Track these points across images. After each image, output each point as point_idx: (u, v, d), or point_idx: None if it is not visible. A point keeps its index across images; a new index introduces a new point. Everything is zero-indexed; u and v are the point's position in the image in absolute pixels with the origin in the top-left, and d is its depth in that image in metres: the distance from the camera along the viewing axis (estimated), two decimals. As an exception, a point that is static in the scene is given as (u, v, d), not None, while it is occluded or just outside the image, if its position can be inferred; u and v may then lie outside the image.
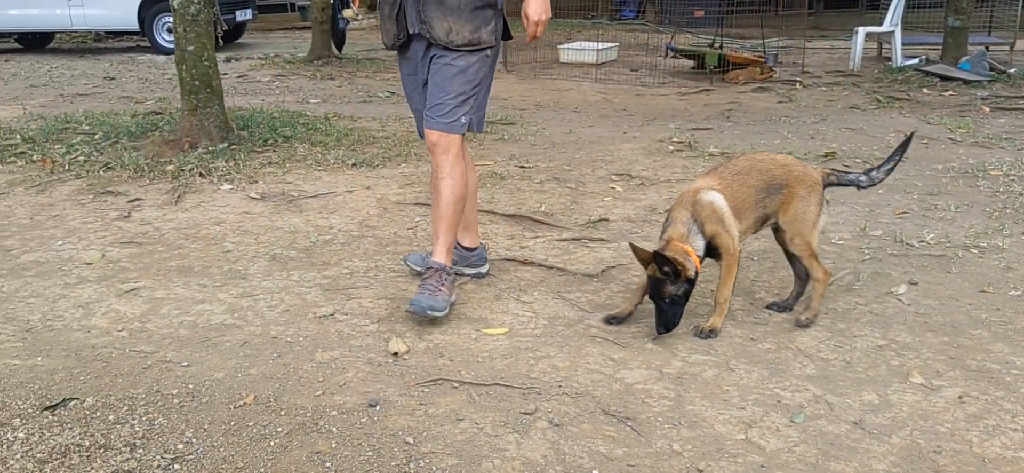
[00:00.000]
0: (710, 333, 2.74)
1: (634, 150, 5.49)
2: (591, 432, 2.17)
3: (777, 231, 2.88)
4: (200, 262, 3.43)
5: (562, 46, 10.54)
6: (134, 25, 11.96)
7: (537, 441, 2.12)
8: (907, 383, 2.42)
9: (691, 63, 9.66)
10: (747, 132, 6.09)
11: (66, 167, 4.88)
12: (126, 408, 2.22)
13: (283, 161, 5.08)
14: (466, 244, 3.21)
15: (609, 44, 10.76)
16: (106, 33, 13.36)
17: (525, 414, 2.24)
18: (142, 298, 3.03)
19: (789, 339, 2.73)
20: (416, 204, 4.24)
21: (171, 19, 11.18)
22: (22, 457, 1.99)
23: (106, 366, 2.48)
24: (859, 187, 3.00)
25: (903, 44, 9.16)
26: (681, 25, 12.26)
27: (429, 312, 2.75)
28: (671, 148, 5.53)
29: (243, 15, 12.99)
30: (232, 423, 2.16)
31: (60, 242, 3.63)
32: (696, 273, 2.65)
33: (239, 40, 13.53)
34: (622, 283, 3.22)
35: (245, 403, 2.26)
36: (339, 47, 10.99)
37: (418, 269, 3.23)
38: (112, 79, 9.34)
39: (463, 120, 2.85)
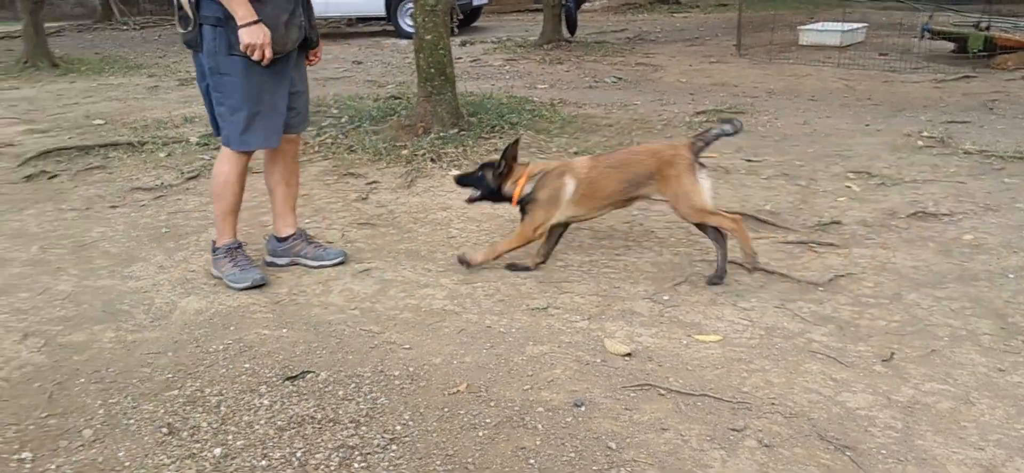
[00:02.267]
0: (463, 261, 3.30)
1: (876, 145, 5.09)
2: (804, 457, 2.06)
3: (673, 210, 3.16)
4: (426, 246, 3.64)
5: (802, 27, 9.96)
6: (381, 11, 12.87)
7: (744, 461, 2.04)
8: None
9: (951, 46, 8.77)
10: (1012, 127, 5.44)
11: (316, 148, 5.36)
12: (354, 385, 2.42)
13: (508, 148, 5.24)
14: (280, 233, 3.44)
15: (856, 25, 10.02)
16: (356, 19, 14.45)
17: (733, 430, 2.17)
18: (373, 278, 3.27)
19: (1046, 374, 2.42)
20: (635, 196, 4.21)
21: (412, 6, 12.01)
22: (265, 423, 2.24)
23: (339, 342, 2.71)
24: (727, 135, 3.17)
25: None
26: (941, 2, 11.13)
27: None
28: (920, 143, 5.07)
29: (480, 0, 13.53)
30: (446, 409, 2.28)
31: (308, 221, 3.99)
32: (507, 197, 3.22)
33: (475, 23, 14.10)
34: (851, 295, 3.01)
35: (458, 390, 2.38)
36: (572, 31, 11.12)
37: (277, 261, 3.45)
38: (359, 63, 10.10)
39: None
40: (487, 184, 3.26)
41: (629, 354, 2.60)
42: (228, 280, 3.19)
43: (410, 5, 12.19)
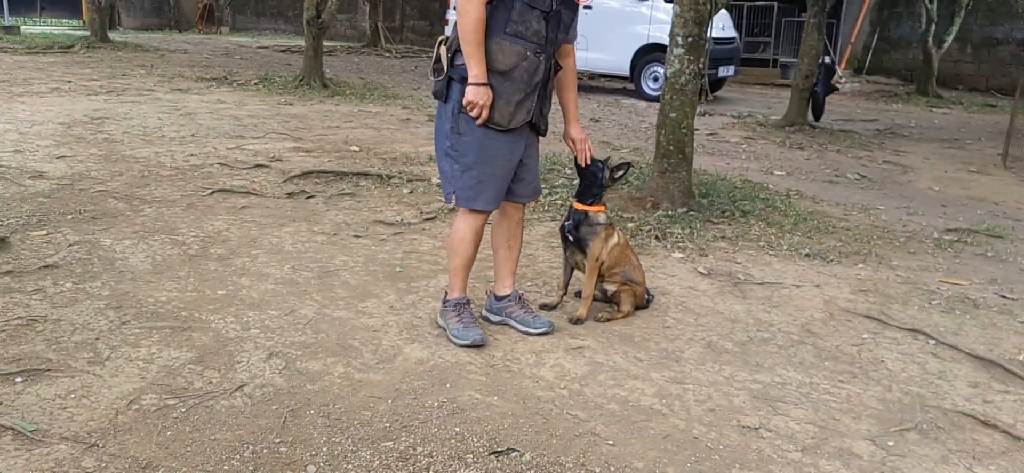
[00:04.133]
0: (575, 321, 3.67)
1: None
2: None
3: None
4: (641, 332, 3.64)
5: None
6: (626, 72, 13.08)
7: None
8: None
9: None
10: None
11: (546, 208, 5.55)
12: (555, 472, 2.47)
13: (736, 238, 5.14)
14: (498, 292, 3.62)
15: None
16: (600, 74, 14.78)
17: None
18: (585, 358, 3.32)
19: None
20: (867, 317, 3.97)
21: (658, 69, 12.11)
22: (470, 496, 2.34)
23: (545, 422, 2.78)
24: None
25: None
26: None
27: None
28: None
29: (726, 71, 13.37)
30: (641, 521, 2.28)
31: (528, 283, 4.13)
32: (598, 196, 3.76)
33: (717, 93, 13.95)
34: (1113, 486, 2.65)
35: (656, 503, 2.36)
36: (817, 116, 10.69)
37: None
38: (597, 121, 10.32)
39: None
40: (600, 177, 3.70)
41: (844, 505, 2.45)
42: (451, 334, 3.38)
43: (655, 69, 12.32)
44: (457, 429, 2.69)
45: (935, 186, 7.52)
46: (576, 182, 6.24)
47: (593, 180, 3.70)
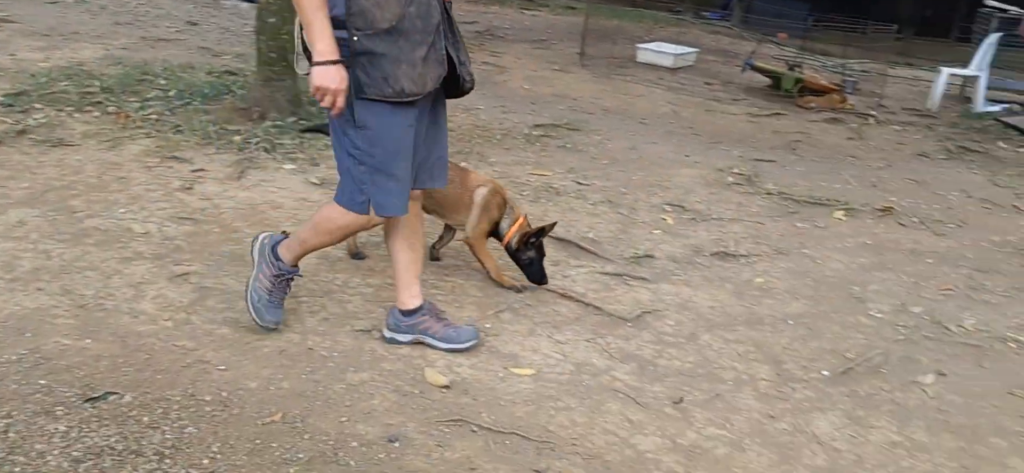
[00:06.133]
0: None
1: (693, 177, 5.47)
2: (595, 501, 2.24)
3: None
4: (252, 251, 3.57)
5: (640, 46, 10.44)
6: (223, -30, 12.26)
7: (541, 503, 2.20)
8: (916, 493, 2.43)
9: (768, 81, 9.49)
10: (810, 170, 6.00)
11: (139, 123, 5.10)
12: (161, 410, 2.37)
13: (345, 145, 5.20)
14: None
15: (689, 49, 10.61)
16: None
17: (536, 472, 2.32)
18: (191, 285, 3.18)
19: (806, 420, 2.74)
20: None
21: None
22: (60, 454, 2.15)
23: (148, 359, 2.64)
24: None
25: (992, 87, 8.85)
26: (766, 34, 12.00)
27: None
28: (730, 180, 5.49)
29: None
30: (257, 441, 2.29)
31: (122, 209, 3.81)
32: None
33: None
34: (655, 332, 3.26)
35: (272, 420, 2.40)
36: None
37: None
38: (194, 24, 9.60)
39: None
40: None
41: (447, 386, 2.70)
42: (253, 299, 2.83)
43: (255, -32, 11.70)
44: (42, 382, 2.44)
45: (526, 85, 8.30)
46: (172, 95, 5.85)
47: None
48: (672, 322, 3.37)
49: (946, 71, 8.94)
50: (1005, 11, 9.33)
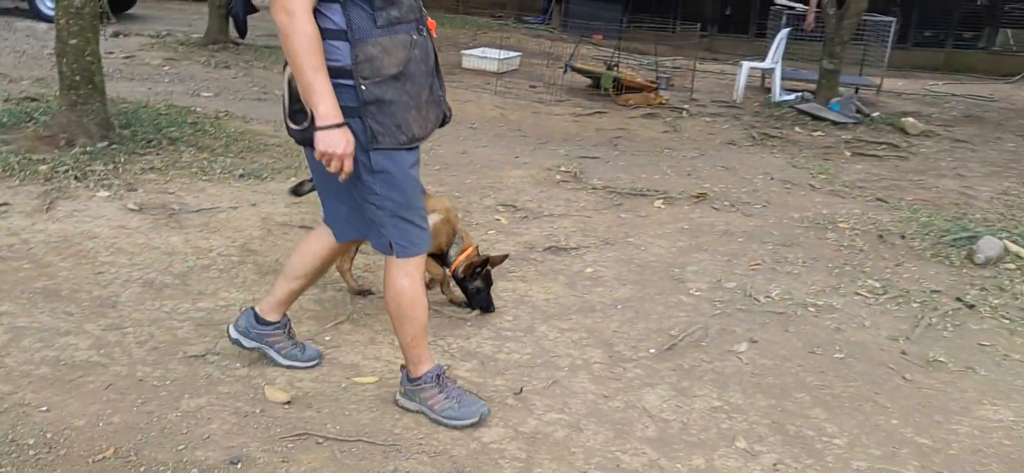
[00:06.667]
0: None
1: (523, 178, 5.66)
2: (444, 495, 2.31)
3: None
4: (68, 284, 3.38)
5: (465, 52, 10.63)
6: (17, -12, 11.37)
7: (391, 504, 2.24)
8: (732, 448, 2.66)
9: (589, 81, 9.93)
10: (630, 164, 6.36)
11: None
12: (-22, 460, 2.23)
13: (166, 167, 5.00)
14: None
15: (512, 53, 10.92)
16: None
17: (383, 474, 2.37)
18: (3, 326, 2.98)
19: (637, 396, 2.94)
20: (302, 227, 4.27)
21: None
22: None
23: (-40, 409, 2.46)
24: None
25: (786, 77, 9.69)
26: (584, 36, 12.53)
27: None
28: (558, 177, 5.73)
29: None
30: (89, 480, 2.20)
31: (-82, 253, 3.50)
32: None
33: (130, 11, 13.02)
34: (494, 328, 3.37)
35: (104, 456, 2.30)
36: (242, 33, 10.66)
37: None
38: (-13, 49, 8.87)
39: None
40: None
41: (289, 401, 2.68)
42: (443, 417, 2.65)
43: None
44: None
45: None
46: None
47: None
48: (510, 317, 3.50)
49: (747, 65, 9.70)
50: (792, 8, 10.26)
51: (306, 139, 2.39)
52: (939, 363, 3.34)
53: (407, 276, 2.55)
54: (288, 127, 2.47)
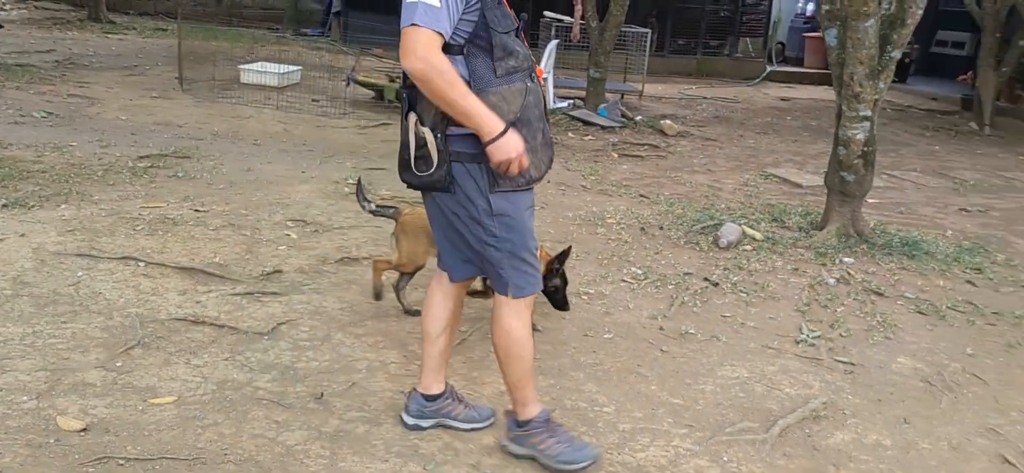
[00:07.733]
0: None
1: (311, 192, 5.75)
2: (253, 498, 2.43)
3: None
4: None
5: (243, 67, 10.41)
6: None
7: (200, 513, 2.34)
8: (520, 426, 2.98)
9: (372, 93, 10.08)
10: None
11: None
12: None
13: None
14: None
15: (293, 67, 10.82)
16: None
17: (190, 486, 2.45)
18: None
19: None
20: (78, 255, 4.13)
21: None
22: None
23: None
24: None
25: (559, 86, 10.38)
26: (365, 49, 12.66)
27: None
28: (346, 190, 5.86)
29: None
30: None
31: None
32: None
33: None
34: (291, 340, 3.49)
35: None
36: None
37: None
38: None
39: None
40: None
41: (85, 429, 2.68)
42: (557, 463, 2.69)
43: None
44: None
45: (123, 115, 7.89)
46: None
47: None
48: (306, 328, 3.64)
49: (521, 75, 10.27)
50: (561, 21, 11.00)
51: (427, 184, 2.56)
52: (690, 335, 3.88)
53: (517, 316, 2.64)
54: (411, 176, 2.57)
